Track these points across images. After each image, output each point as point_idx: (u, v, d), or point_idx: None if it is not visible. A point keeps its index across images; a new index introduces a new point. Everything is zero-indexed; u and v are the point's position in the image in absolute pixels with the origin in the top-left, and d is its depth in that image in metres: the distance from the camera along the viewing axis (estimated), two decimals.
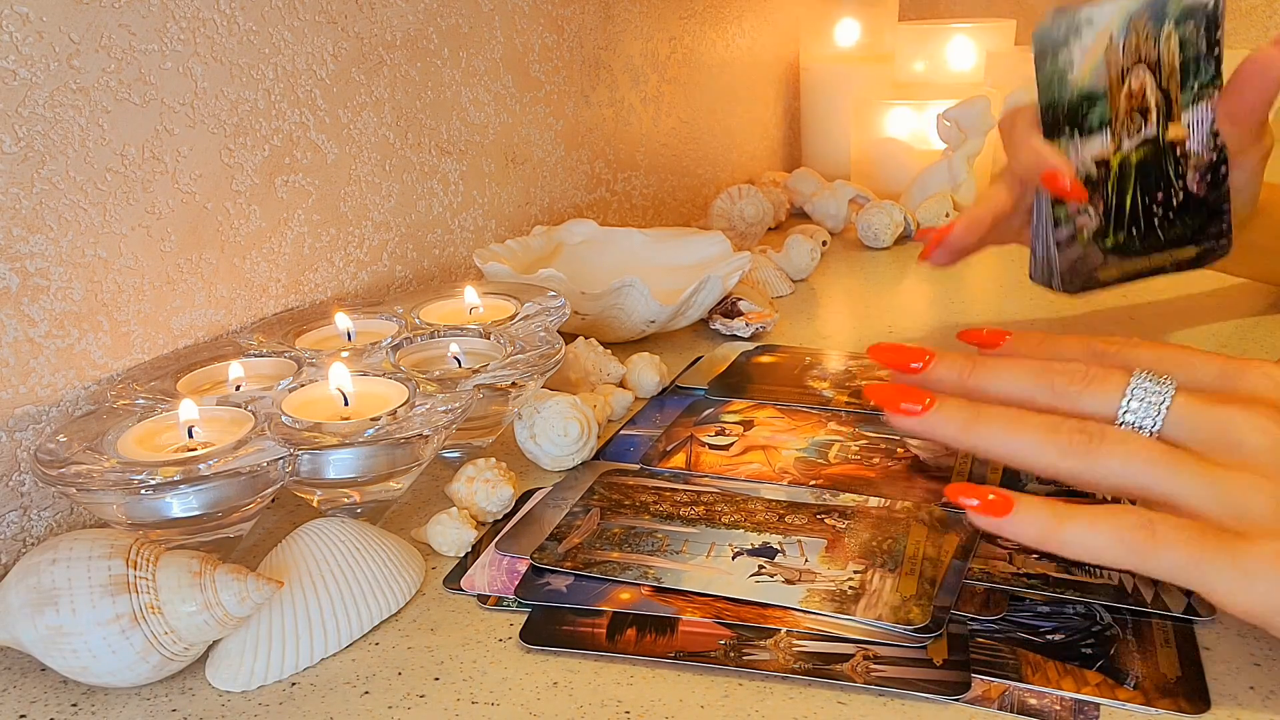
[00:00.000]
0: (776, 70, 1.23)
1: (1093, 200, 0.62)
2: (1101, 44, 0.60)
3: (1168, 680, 0.38)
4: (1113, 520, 0.37)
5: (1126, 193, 0.62)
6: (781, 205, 1.07)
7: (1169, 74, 0.60)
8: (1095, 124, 0.61)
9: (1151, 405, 0.40)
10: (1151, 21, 0.60)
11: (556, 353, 0.55)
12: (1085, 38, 0.60)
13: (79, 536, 0.40)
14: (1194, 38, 0.60)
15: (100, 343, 0.52)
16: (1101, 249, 0.63)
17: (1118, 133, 0.61)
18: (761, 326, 0.75)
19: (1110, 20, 0.60)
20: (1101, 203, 0.62)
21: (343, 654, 0.43)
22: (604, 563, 0.46)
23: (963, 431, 0.41)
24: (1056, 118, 0.61)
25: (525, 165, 0.83)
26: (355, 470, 0.47)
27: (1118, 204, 0.62)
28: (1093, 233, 0.63)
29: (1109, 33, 0.60)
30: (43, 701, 0.41)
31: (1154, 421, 0.40)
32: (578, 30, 0.87)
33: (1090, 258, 0.63)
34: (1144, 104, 0.61)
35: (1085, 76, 0.60)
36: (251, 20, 0.58)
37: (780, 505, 0.50)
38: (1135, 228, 0.63)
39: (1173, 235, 0.63)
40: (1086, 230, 0.63)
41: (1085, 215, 0.62)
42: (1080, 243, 0.63)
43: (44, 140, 0.48)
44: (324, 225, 0.65)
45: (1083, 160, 0.61)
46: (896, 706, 0.38)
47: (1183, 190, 0.62)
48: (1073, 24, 0.60)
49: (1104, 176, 0.62)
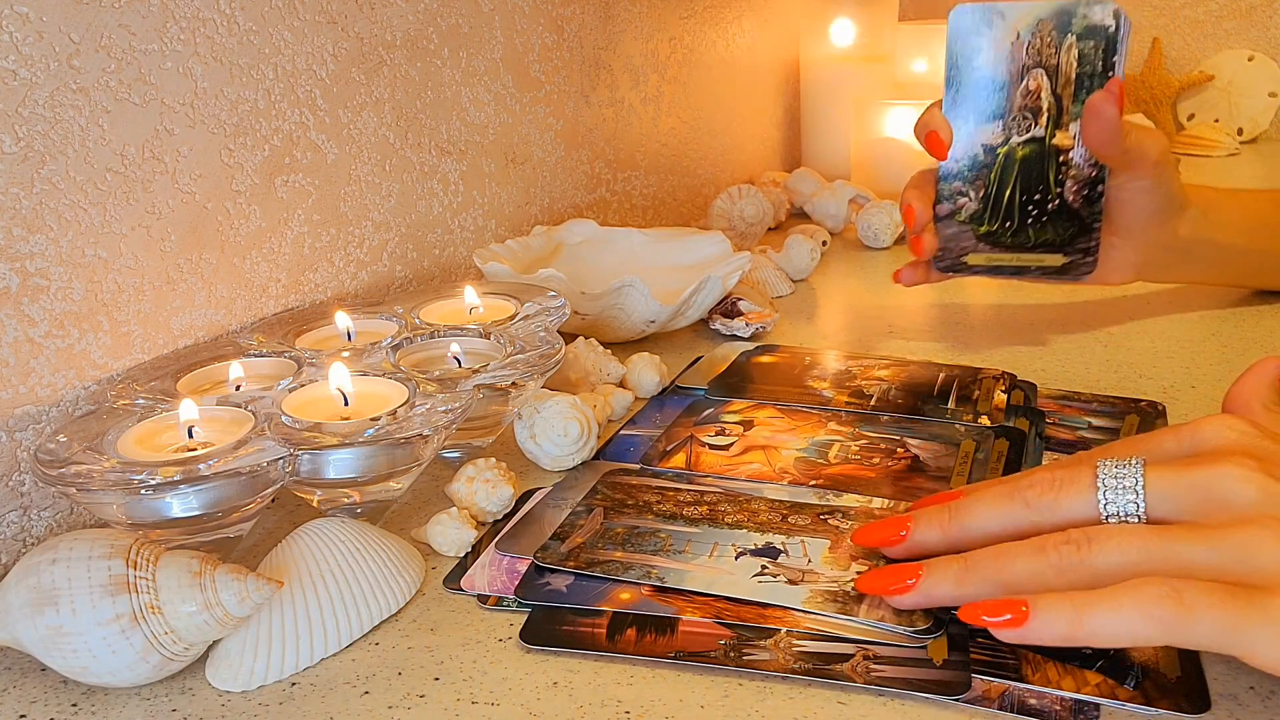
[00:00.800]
0: (776, 70, 1.23)
1: (974, 183, 0.67)
2: (1008, 38, 0.65)
3: (1168, 680, 0.38)
4: (1136, 597, 0.35)
5: (1007, 185, 0.67)
6: (781, 205, 1.07)
7: (1064, 83, 0.65)
8: (990, 111, 0.66)
9: (1125, 488, 0.39)
10: (1057, 30, 0.64)
11: (556, 353, 0.55)
12: (995, 29, 0.65)
13: (79, 536, 0.40)
14: (1092, 55, 0.64)
15: (100, 343, 0.52)
16: (975, 234, 0.68)
17: (1008, 125, 0.66)
18: (761, 326, 0.75)
19: (1020, 18, 0.65)
20: (983, 187, 0.67)
21: (343, 654, 0.43)
22: (607, 562, 0.46)
23: (958, 586, 0.40)
24: (956, 97, 0.66)
25: (525, 165, 0.83)
26: (355, 470, 0.47)
27: (997, 193, 0.67)
28: (970, 214, 0.68)
29: (1016, 30, 0.65)
30: (43, 701, 0.41)
31: (1137, 506, 0.39)
32: (578, 30, 0.87)
33: (963, 239, 0.68)
34: (1037, 104, 0.66)
35: (988, 65, 0.66)
36: (251, 20, 0.58)
37: (783, 505, 0.50)
38: (1009, 221, 0.67)
39: (1042, 239, 0.67)
40: (964, 211, 0.68)
41: (966, 196, 0.67)
42: (956, 221, 0.68)
43: (44, 140, 0.48)
44: (324, 225, 0.65)
45: (973, 141, 0.67)
46: (896, 706, 0.38)
47: (1059, 197, 0.67)
48: (986, 14, 0.65)
49: (989, 163, 0.67)
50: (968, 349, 0.72)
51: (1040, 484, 0.41)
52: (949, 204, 0.68)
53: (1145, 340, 0.72)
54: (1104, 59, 0.64)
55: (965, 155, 0.67)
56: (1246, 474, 0.37)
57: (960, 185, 0.67)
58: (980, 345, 0.72)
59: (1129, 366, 0.67)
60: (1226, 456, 0.38)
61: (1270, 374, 0.44)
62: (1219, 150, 1.36)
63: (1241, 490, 0.37)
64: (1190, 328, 0.73)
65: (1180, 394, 0.63)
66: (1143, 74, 1.46)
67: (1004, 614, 0.37)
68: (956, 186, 0.67)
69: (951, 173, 0.68)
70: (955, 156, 0.67)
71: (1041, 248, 0.67)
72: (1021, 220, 0.67)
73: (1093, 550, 0.38)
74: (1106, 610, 0.36)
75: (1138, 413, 0.60)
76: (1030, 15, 0.65)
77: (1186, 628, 0.35)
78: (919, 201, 0.67)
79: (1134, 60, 1.49)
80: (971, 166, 0.67)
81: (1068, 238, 0.67)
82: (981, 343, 0.73)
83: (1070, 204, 0.67)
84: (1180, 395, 0.63)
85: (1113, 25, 0.64)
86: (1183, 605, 0.35)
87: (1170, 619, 0.35)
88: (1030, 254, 0.68)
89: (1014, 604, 0.37)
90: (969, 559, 0.40)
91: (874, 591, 0.42)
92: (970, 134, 0.67)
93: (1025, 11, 0.65)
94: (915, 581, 0.41)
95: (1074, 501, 0.40)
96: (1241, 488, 0.37)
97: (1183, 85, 1.45)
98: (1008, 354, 0.71)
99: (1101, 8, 0.64)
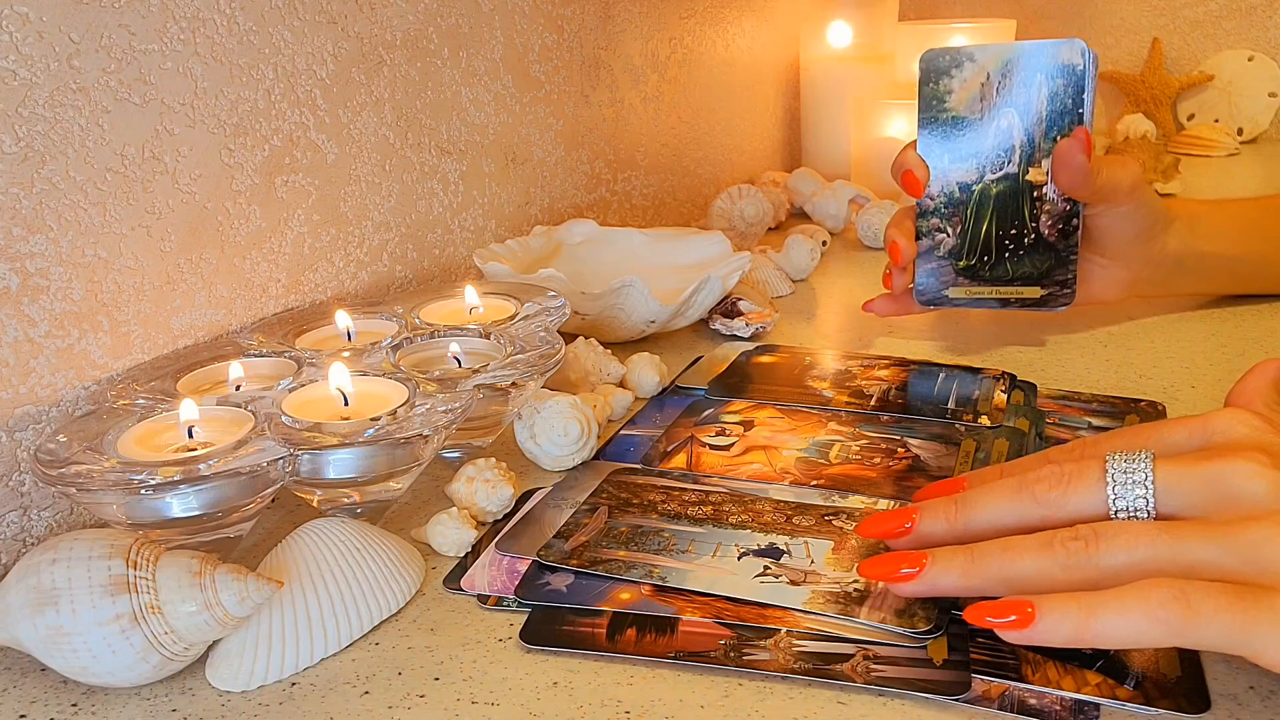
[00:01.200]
0: (776, 70, 1.23)
1: (951, 220, 0.69)
2: (979, 79, 0.67)
3: (1168, 680, 0.38)
4: (1142, 598, 0.35)
5: (984, 221, 0.69)
6: (781, 205, 1.07)
7: (1036, 120, 0.67)
8: (964, 150, 0.68)
9: (1135, 482, 0.39)
10: (1026, 70, 0.67)
11: (556, 353, 0.55)
12: (966, 71, 0.67)
13: (79, 536, 0.40)
14: (1062, 93, 0.66)
15: (100, 343, 0.52)
16: (954, 269, 0.70)
17: (983, 163, 0.68)
18: (761, 326, 0.75)
19: (990, 60, 0.67)
20: (960, 224, 0.69)
21: (343, 654, 0.43)
22: (610, 561, 0.46)
23: (963, 578, 0.40)
24: (930, 138, 0.69)
25: (525, 165, 0.83)
26: (355, 470, 0.47)
27: (974, 229, 0.69)
28: (948, 250, 0.70)
29: (986, 70, 0.67)
30: (43, 701, 0.41)
31: (1146, 501, 0.38)
32: (578, 30, 0.87)
33: (943, 273, 0.70)
34: (1010, 142, 0.68)
35: (960, 105, 0.68)
36: (251, 20, 0.58)
37: (788, 506, 0.50)
38: (986, 255, 0.69)
39: (1020, 272, 0.69)
40: (943, 246, 0.70)
41: (944, 232, 0.69)
42: (936, 256, 0.70)
43: (44, 140, 0.48)
44: (324, 225, 0.65)
45: (949, 179, 0.69)
46: (896, 706, 0.38)
47: (1035, 231, 0.68)
48: (956, 57, 0.68)
49: (965, 199, 0.69)
50: (968, 349, 0.72)
51: (1048, 478, 0.40)
52: (928, 240, 0.70)
53: (1145, 340, 0.72)
54: (1073, 96, 0.66)
55: (942, 193, 0.69)
56: (1257, 469, 0.37)
57: (938, 222, 0.69)
58: (980, 345, 0.72)
59: (1129, 366, 0.67)
60: (1237, 451, 0.38)
61: (1271, 375, 0.44)
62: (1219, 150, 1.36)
63: (1251, 485, 0.37)
64: (1190, 328, 0.73)
65: (1180, 394, 0.63)
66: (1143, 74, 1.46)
67: (1009, 615, 0.37)
68: (935, 223, 0.69)
69: (929, 210, 0.70)
70: (932, 194, 0.69)
71: (1019, 280, 0.69)
72: (999, 254, 0.69)
73: (1101, 547, 0.37)
74: (1113, 612, 0.35)
75: (1138, 413, 0.60)
76: (999, 56, 0.67)
77: (1193, 630, 0.34)
78: (903, 238, 0.69)
79: (1134, 60, 1.49)
80: (948, 203, 0.69)
81: (1045, 270, 0.69)
82: (981, 343, 0.73)
83: (1046, 238, 0.69)
84: (1180, 395, 0.63)
85: (1080, 64, 0.66)
86: (1190, 608, 0.34)
87: (1177, 621, 0.34)
88: (1009, 286, 0.70)
89: (1019, 605, 0.37)
90: (975, 550, 0.40)
91: (877, 577, 0.42)
92: (946, 172, 0.69)
93: (995, 53, 0.67)
94: (920, 570, 0.40)
95: (1082, 496, 0.39)
96: (1252, 483, 0.37)
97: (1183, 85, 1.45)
98: (1008, 354, 0.71)
99: (1069, 47, 0.66)
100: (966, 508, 0.42)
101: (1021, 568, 0.38)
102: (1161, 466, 0.39)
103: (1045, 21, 1.52)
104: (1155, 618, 0.35)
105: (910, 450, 0.56)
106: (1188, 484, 0.38)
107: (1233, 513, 0.37)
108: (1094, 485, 0.39)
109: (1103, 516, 0.39)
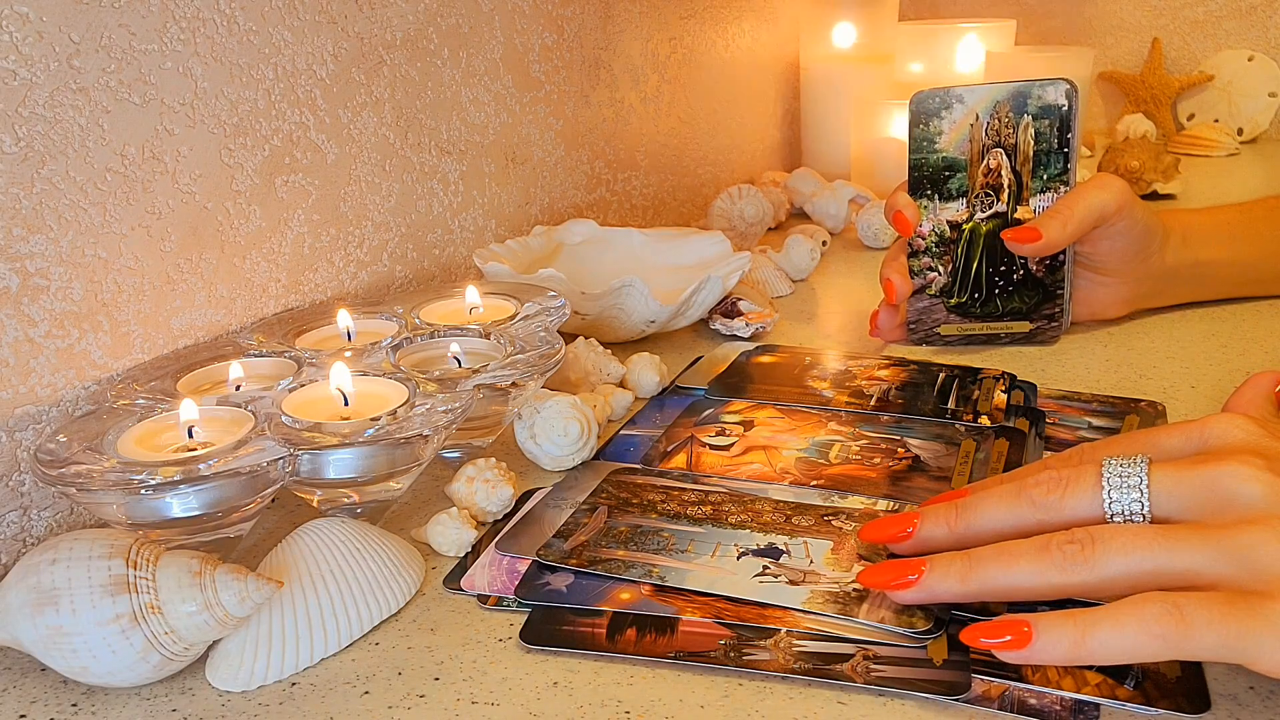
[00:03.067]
0: (776, 70, 1.23)
1: (942, 259, 0.71)
2: (968, 120, 0.69)
3: (1168, 680, 0.38)
4: (1136, 614, 0.36)
5: (974, 259, 0.71)
6: (781, 205, 1.07)
7: (1023, 160, 0.69)
8: (954, 190, 0.70)
9: (1130, 486, 0.39)
10: (1013, 111, 0.69)
11: (556, 353, 0.55)
12: (955, 112, 0.69)
13: (79, 536, 0.40)
14: (1048, 133, 0.69)
15: (100, 343, 0.52)
16: (946, 306, 0.72)
17: (972, 202, 0.70)
18: (761, 326, 0.75)
19: (978, 102, 0.69)
20: (950, 262, 0.71)
21: (343, 654, 0.43)
22: (609, 560, 0.46)
23: (962, 583, 0.40)
24: (921, 178, 0.70)
25: (525, 165, 0.83)
26: (355, 470, 0.47)
27: (964, 267, 0.71)
28: (940, 288, 0.71)
29: (975, 112, 0.69)
30: (43, 701, 0.41)
31: (1142, 505, 0.39)
32: (578, 30, 0.87)
33: (935, 311, 0.72)
34: (998, 181, 0.70)
35: (950, 146, 0.70)
36: (251, 20, 0.58)
37: (788, 506, 0.50)
38: (977, 293, 0.71)
39: (1010, 308, 0.71)
40: (935, 285, 0.71)
41: (935, 271, 0.71)
42: (928, 294, 0.71)
43: (44, 140, 0.48)
44: (324, 225, 0.65)
45: (940, 220, 0.70)
46: (896, 706, 0.38)
47: (1023, 268, 0.70)
48: (945, 99, 0.69)
49: (956, 239, 0.70)
50: (968, 349, 0.72)
51: (1046, 482, 0.41)
52: (920, 279, 0.71)
53: (1145, 340, 0.72)
54: (1059, 135, 0.68)
55: (933, 232, 0.71)
56: (1253, 472, 0.37)
57: (929, 261, 0.71)
58: (980, 345, 0.72)
59: (1129, 366, 0.67)
60: (1233, 455, 0.38)
61: (1266, 386, 0.45)
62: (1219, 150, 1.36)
63: (1247, 489, 0.37)
64: (1190, 328, 0.73)
65: (1180, 394, 0.63)
66: (1143, 74, 1.46)
67: (1005, 635, 0.37)
68: (926, 262, 0.71)
69: (920, 250, 0.71)
70: (923, 234, 0.71)
71: (1009, 316, 0.71)
72: (989, 291, 0.71)
73: (1096, 551, 0.38)
74: (1109, 629, 0.36)
75: (1137, 413, 0.60)
76: (988, 98, 0.69)
77: (1188, 642, 0.35)
78: (897, 275, 0.71)
79: (1134, 60, 1.49)
80: (939, 242, 0.71)
81: (1033, 305, 0.71)
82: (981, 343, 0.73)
83: (1034, 274, 0.71)
84: (1180, 395, 0.63)
85: (1065, 104, 0.68)
86: (1184, 621, 0.35)
87: (1172, 635, 0.35)
88: (999, 322, 0.72)
89: (1015, 625, 0.37)
90: (973, 556, 0.40)
91: (876, 586, 0.42)
92: (936, 212, 0.70)
93: (983, 94, 0.69)
94: (918, 577, 0.41)
95: (1079, 500, 0.40)
96: (1247, 486, 0.37)
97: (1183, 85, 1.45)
98: (1008, 354, 0.71)
99: (1054, 88, 0.68)
100: (966, 512, 0.42)
101: (1018, 572, 0.39)
102: (1157, 470, 0.39)
103: (1046, 21, 1.52)
104: (1151, 633, 0.35)
105: (910, 450, 0.56)
106: (1183, 488, 0.38)
107: (1228, 516, 0.37)
108: (1090, 489, 0.40)
109: (1099, 520, 0.39)
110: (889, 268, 0.71)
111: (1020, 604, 0.41)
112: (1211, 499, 0.38)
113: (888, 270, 0.71)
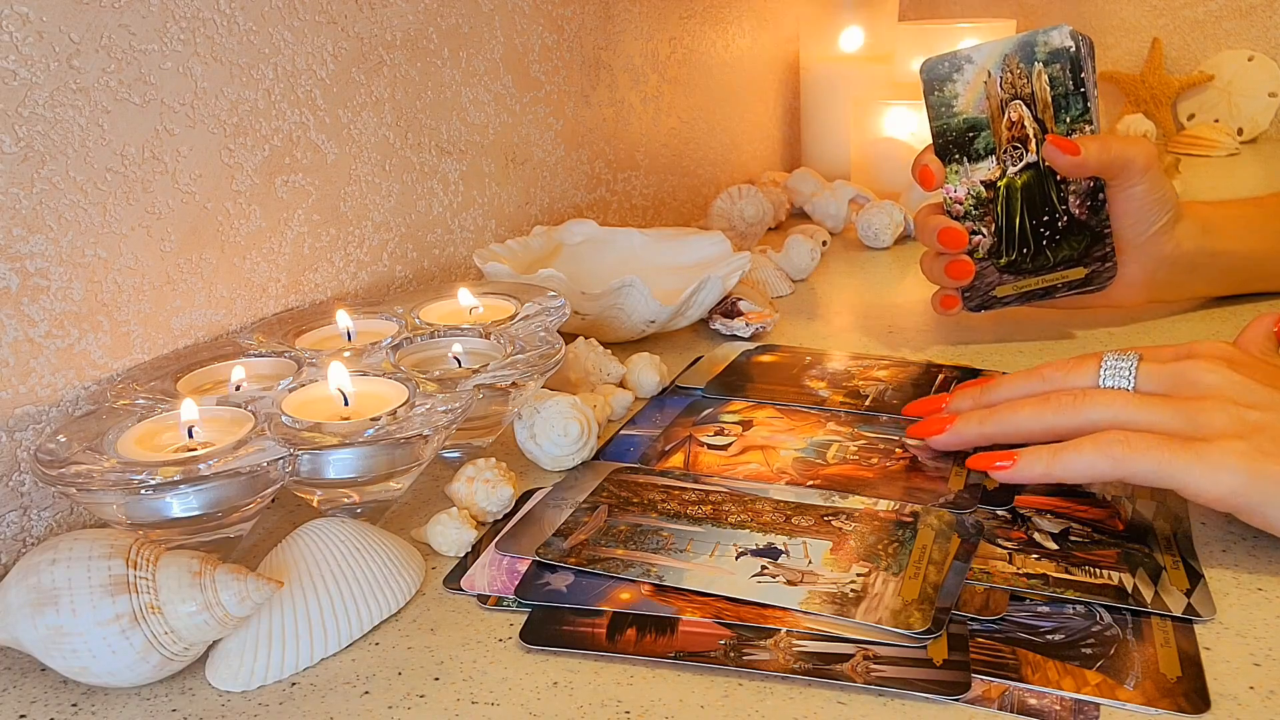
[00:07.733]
0: (776, 70, 1.23)
1: (984, 220, 0.70)
2: (980, 79, 0.69)
3: (1168, 680, 0.38)
4: (1094, 441, 0.46)
5: (1015, 214, 0.69)
6: (781, 205, 1.07)
7: (1043, 107, 0.68)
8: (981, 150, 0.69)
9: (1121, 372, 0.50)
10: (1023, 61, 0.68)
11: (556, 353, 0.55)
12: (966, 73, 0.69)
13: (79, 536, 0.40)
14: (1062, 77, 0.68)
15: (100, 343, 0.52)
16: (997, 267, 0.70)
17: (1002, 158, 0.69)
18: (761, 326, 0.75)
19: (987, 58, 0.69)
20: (993, 223, 0.70)
21: (343, 654, 0.43)
22: (608, 559, 0.46)
23: (981, 425, 0.52)
24: (946, 144, 0.69)
25: (525, 165, 0.83)
26: (355, 470, 0.47)
27: (1007, 225, 0.70)
28: (988, 250, 0.70)
29: (986, 69, 0.68)
30: (43, 701, 0.41)
31: (1129, 385, 0.49)
32: (578, 30, 0.87)
33: (988, 275, 0.71)
34: (1023, 133, 0.69)
35: (969, 106, 0.69)
36: (251, 20, 0.58)
37: (787, 506, 0.50)
38: (1025, 248, 0.70)
39: (1060, 257, 0.70)
40: (981, 248, 0.70)
41: (979, 234, 0.70)
42: (976, 259, 0.70)
43: (44, 140, 0.48)
44: (324, 225, 0.65)
45: (973, 183, 0.70)
46: (896, 706, 0.38)
47: (1066, 214, 0.69)
48: (955, 61, 0.69)
49: (993, 198, 0.69)
50: (967, 349, 0.72)
51: (1055, 366, 0.52)
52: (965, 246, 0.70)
53: (1145, 340, 0.72)
54: (1073, 77, 0.68)
55: (969, 195, 0.70)
56: (1219, 368, 0.48)
57: (971, 224, 0.70)
58: (980, 345, 0.72)
59: None
60: (1206, 357, 0.49)
61: (1268, 325, 0.53)
62: (1219, 150, 1.36)
63: (1211, 378, 0.47)
64: (1190, 328, 0.73)
65: None
66: (1143, 74, 1.46)
67: (1000, 460, 0.49)
68: (969, 226, 0.70)
69: (960, 215, 0.70)
70: (959, 199, 0.70)
71: (1062, 264, 0.70)
72: (1037, 244, 0.70)
73: (1084, 402, 0.49)
74: (1072, 453, 0.47)
75: None
76: (995, 53, 0.68)
77: (1131, 464, 0.45)
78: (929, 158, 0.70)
79: (1134, 60, 1.49)
80: (978, 204, 0.70)
81: (1084, 249, 0.70)
82: (981, 343, 0.73)
83: (1078, 217, 0.69)
84: None
85: (1073, 46, 0.67)
86: (1130, 447, 0.46)
87: (1120, 456, 0.46)
88: (1053, 273, 0.70)
89: (1007, 454, 0.49)
90: (992, 407, 0.53)
91: (921, 435, 0.55)
92: (967, 175, 0.69)
93: (990, 51, 0.69)
94: (949, 425, 0.53)
95: (1079, 379, 0.51)
96: (1213, 376, 0.47)
97: (1183, 85, 1.45)
98: (1007, 354, 0.71)
99: (1059, 33, 0.68)
100: (991, 387, 0.55)
101: (1024, 415, 0.51)
102: (1143, 364, 0.50)
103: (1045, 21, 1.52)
104: (1103, 454, 0.46)
105: (908, 450, 0.56)
106: (1161, 375, 0.49)
107: (1193, 394, 0.47)
108: (1089, 373, 0.51)
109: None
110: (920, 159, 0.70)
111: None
112: (1181, 383, 0.48)
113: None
